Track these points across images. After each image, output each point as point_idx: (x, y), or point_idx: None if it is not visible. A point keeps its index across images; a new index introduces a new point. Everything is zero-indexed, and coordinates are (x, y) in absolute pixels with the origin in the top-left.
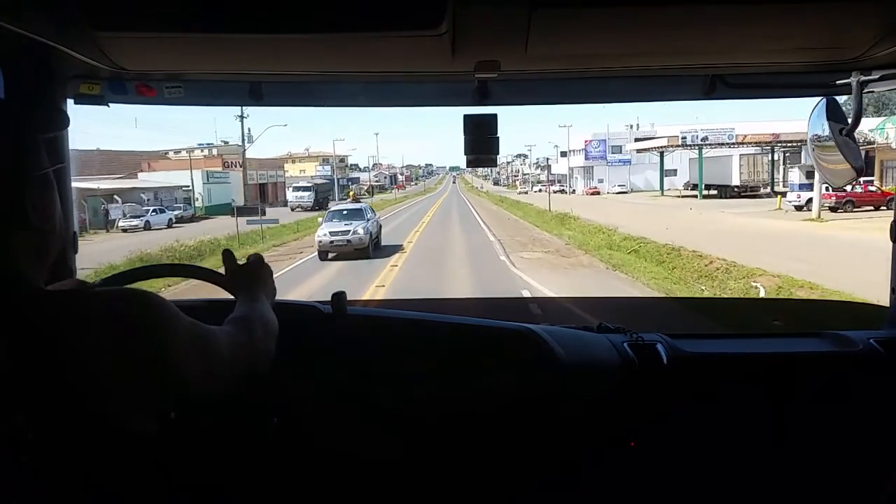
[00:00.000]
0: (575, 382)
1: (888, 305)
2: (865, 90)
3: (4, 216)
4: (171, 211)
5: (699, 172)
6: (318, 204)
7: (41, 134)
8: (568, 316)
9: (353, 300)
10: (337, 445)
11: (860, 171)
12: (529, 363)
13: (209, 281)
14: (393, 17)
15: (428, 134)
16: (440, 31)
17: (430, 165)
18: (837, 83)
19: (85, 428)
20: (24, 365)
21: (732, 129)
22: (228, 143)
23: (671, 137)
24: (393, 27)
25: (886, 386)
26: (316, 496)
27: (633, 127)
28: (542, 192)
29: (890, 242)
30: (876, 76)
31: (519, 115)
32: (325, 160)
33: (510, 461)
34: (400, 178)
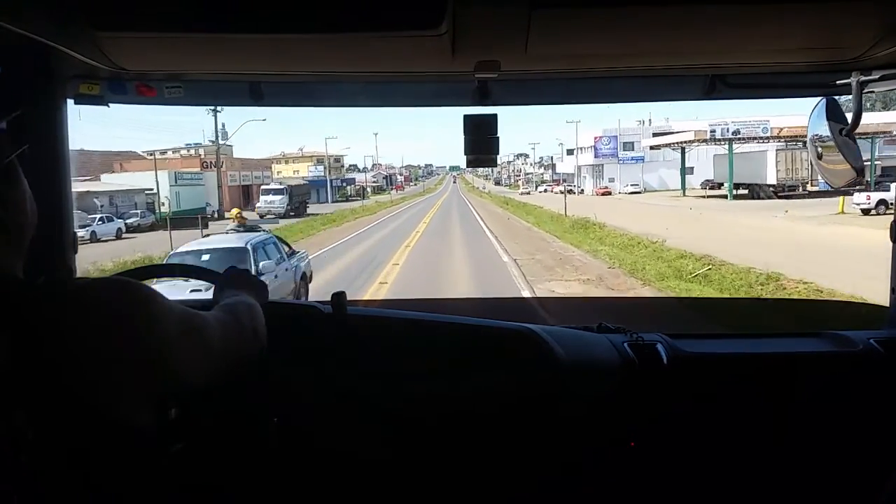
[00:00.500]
0: (575, 382)
1: (888, 305)
2: (865, 90)
3: None
4: (124, 219)
5: (729, 170)
6: (293, 209)
7: None
8: (568, 316)
9: (353, 300)
10: (337, 445)
11: (860, 171)
12: (529, 363)
13: (208, 280)
14: (393, 17)
15: (428, 134)
16: (440, 31)
17: (429, 166)
18: (837, 83)
19: (82, 424)
20: (14, 359)
21: (767, 121)
22: (215, 142)
23: (699, 131)
24: (393, 27)
25: (886, 386)
26: (316, 496)
27: (645, 122)
28: (547, 192)
29: None
30: (876, 76)
31: (521, 112)
32: (319, 160)
33: (510, 461)
34: (399, 178)
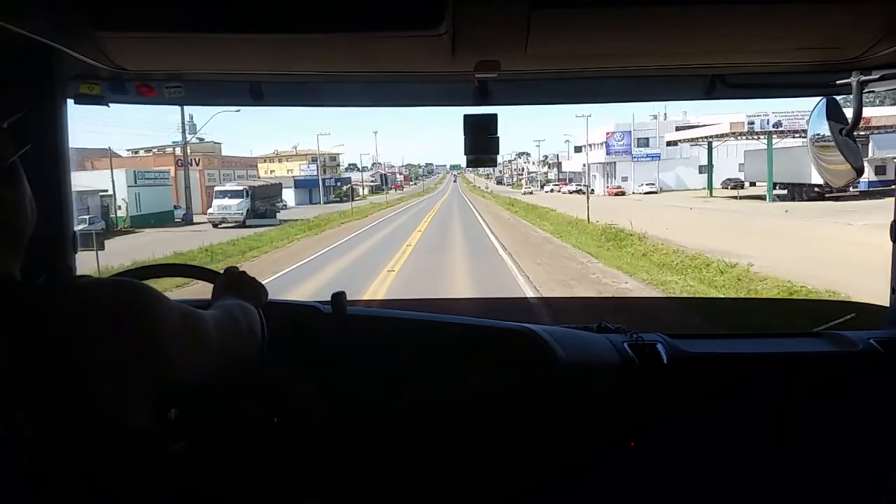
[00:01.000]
0: (575, 382)
1: (888, 305)
2: (865, 90)
3: None
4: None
5: (769, 168)
6: (255, 215)
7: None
8: (568, 316)
9: (353, 300)
10: (337, 445)
11: (860, 171)
12: (530, 363)
13: (208, 280)
14: (393, 17)
15: (428, 133)
16: (440, 31)
17: (430, 165)
18: (837, 83)
19: (82, 424)
20: (14, 360)
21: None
22: (204, 139)
23: (735, 123)
24: (393, 27)
25: (886, 386)
26: (317, 495)
27: (660, 117)
28: (553, 191)
29: None
30: (876, 76)
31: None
32: (314, 159)
33: (511, 461)
34: (399, 177)
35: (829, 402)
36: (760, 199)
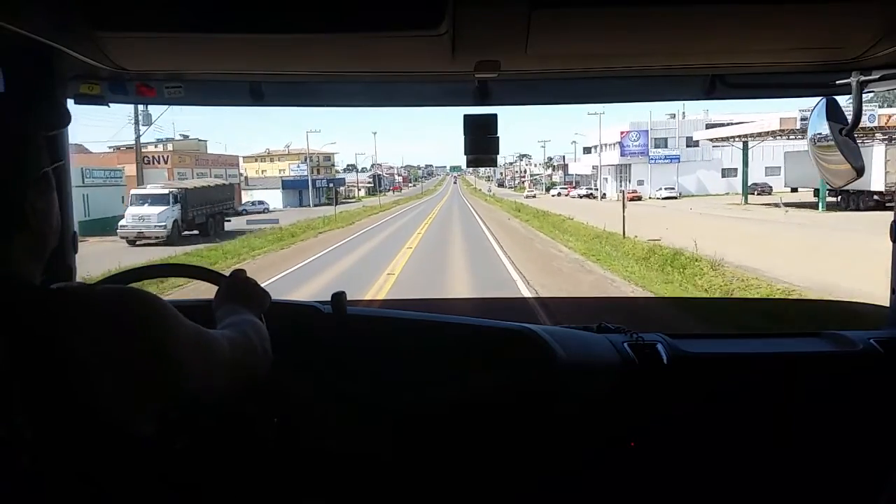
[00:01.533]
0: (575, 382)
1: (888, 305)
2: (865, 90)
3: (3, 218)
4: None
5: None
6: (189, 227)
7: (43, 132)
8: (568, 316)
9: (353, 300)
10: (337, 445)
11: (860, 171)
12: (529, 363)
13: (211, 282)
14: (393, 17)
15: (428, 134)
16: (440, 31)
17: (429, 166)
18: (837, 83)
19: (85, 428)
20: (23, 365)
21: (871, 110)
22: (188, 136)
23: (786, 119)
24: (393, 27)
25: (886, 386)
26: (316, 495)
27: (677, 116)
28: (561, 195)
29: None
30: (876, 76)
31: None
32: (307, 158)
33: (511, 461)
34: (398, 178)
35: (829, 402)
36: (808, 207)
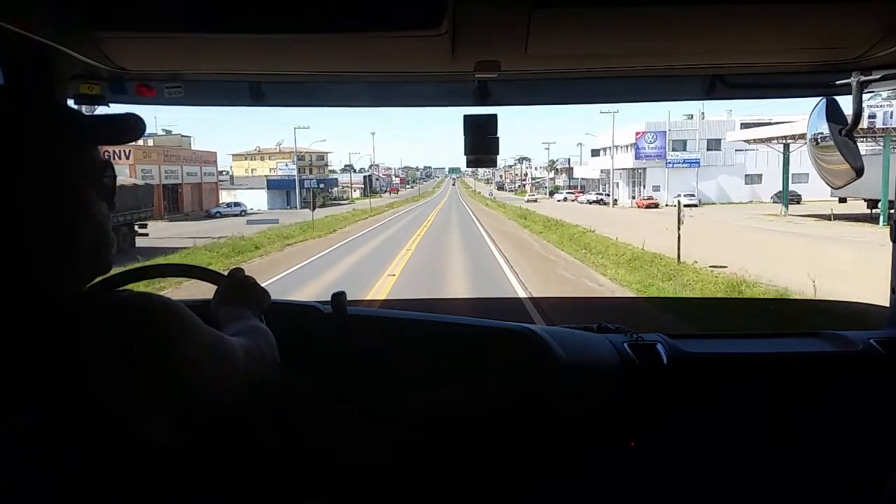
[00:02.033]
0: (575, 382)
1: (888, 305)
2: (865, 90)
3: (64, 223)
4: None
5: (884, 178)
6: None
7: (116, 143)
8: (568, 316)
9: (353, 300)
10: (337, 445)
11: (860, 171)
12: (529, 363)
13: (210, 281)
14: (393, 17)
15: (427, 136)
16: (440, 31)
17: (428, 168)
18: (837, 83)
19: (98, 430)
20: (40, 366)
21: None
22: (171, 131)
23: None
24: (393, 27)
25: (886, 386)
26: (316, 496)
27: (695, 117)
28: (567, 200)
29: None
30: (876, 76)
31: (525, 111)
32: (300, 157)
33: (511, 461)
34: (395, 180)
35: (828, 402)
36: (863, 220)
